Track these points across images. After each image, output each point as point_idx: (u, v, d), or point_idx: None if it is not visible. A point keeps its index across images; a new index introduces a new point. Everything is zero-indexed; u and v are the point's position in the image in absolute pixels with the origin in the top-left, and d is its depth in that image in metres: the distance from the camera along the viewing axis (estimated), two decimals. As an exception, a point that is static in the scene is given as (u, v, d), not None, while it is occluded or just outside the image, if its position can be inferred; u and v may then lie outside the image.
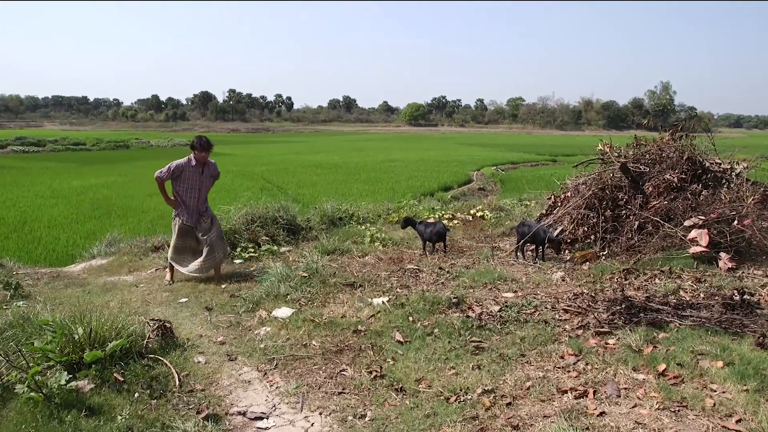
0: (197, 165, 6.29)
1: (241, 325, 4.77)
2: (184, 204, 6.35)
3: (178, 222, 6.39)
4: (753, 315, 4.15)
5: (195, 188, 6.34)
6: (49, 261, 9.28)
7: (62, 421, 2.97)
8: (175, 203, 6.40)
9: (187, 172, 6.27)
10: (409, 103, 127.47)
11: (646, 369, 3.47)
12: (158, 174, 6.22)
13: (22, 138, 47.58)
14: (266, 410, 3.33)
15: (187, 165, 6.28)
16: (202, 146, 6.22)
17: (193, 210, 6.38)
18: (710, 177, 7.08)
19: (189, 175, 6.28)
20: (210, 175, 6.52)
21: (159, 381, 3.58)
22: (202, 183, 6.38)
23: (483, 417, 3.07)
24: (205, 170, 6.39)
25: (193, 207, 6.37)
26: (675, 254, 5.97)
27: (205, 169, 6.39)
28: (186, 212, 6.37)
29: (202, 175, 6.36)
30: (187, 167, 6.27)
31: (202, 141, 6.27)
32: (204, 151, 6.24)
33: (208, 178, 6.48)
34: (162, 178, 6.23)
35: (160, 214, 13.42)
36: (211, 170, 6.50)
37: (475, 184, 21.67)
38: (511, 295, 5.15)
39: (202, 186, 6.39)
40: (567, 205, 7.59)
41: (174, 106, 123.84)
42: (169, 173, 6.23)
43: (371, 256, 7.12)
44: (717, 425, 2.83)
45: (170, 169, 6.23)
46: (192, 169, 6.29)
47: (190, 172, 6.28)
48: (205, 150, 6.25)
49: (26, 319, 4.44)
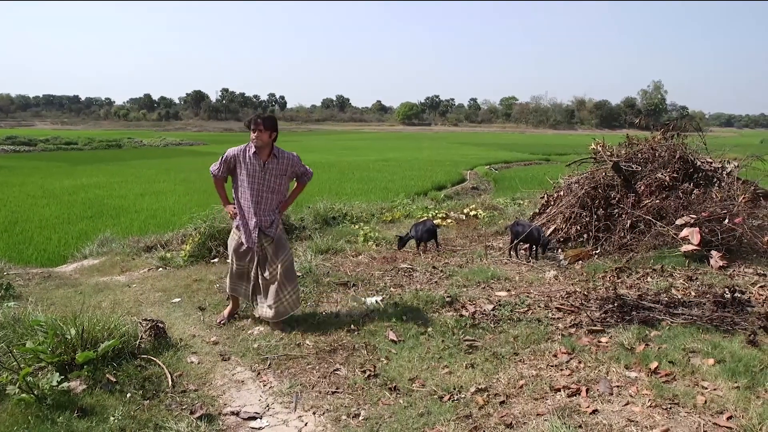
0: (258, 154, 4.33)
1: (235, 325, 4.75)
2: (241, 212, 4.46)
3: (235, 238, 4.57)
4: (744, 313, 4.18)
5: (254, 189, 4.36)
6: (40, 261, 9.22)
7: (54, 422, 2.95)
8: (231, 209, 4.54)
9: (244, 164, 4.35)
10: (403, 103, 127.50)
11: (639, 367, 3.49)
12: (212, 168, 4.50)
13: (13, 137, 47.18)
14: (260, 410, 3.32)
15: (243, 154, 4.36)
16: (256, 124, 4.25)
17: (250, 223, 4.40)
18: (702, 176, 7.13)
19: (246, 168, 4.34)
20: (282, 173, 4.42)
21: (152, 381, 3.57)
22: (265, 183, 4.37)
23: (476, 415, 3.07)
24: (272, 164, 4.36)
25: (250, 218, 4.40)
26: (667, 253, 6.01)
27: (272, 162, 4.35)
28: (241, 225, 4.46)
29: (264, 170, 4.34)
30: (243, 157, 4.35)
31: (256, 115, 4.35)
32: (258, 130, 4.23)
33: (278, 177, 4.41)
34: (215, 174, 4.48)
35: (152, 214, 13.38)
36: (283, 165, 4.41)
37: (468, 183, 21.70)
38: (504, 294, 5.16)
39: (265, 187, 4.38)
40: (560, 204, 7.63)
41: (166, 106, 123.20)
42: (222, 166, 4.43)
43: (365, 256, 7.11)
44: (708, 422, 2.85)
45: (224, 159, 4.42)
46: (251, 161, 4.33)
47: (248, 165, 4.34)
48: (261, 128, 4.23)
49: (17, 319, 4.41)
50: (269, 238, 4.44)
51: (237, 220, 4.47)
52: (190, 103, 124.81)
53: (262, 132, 4.25)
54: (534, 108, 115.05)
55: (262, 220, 4.40)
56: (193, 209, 9.66)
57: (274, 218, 4.46)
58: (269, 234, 4.43)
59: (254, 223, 4.38)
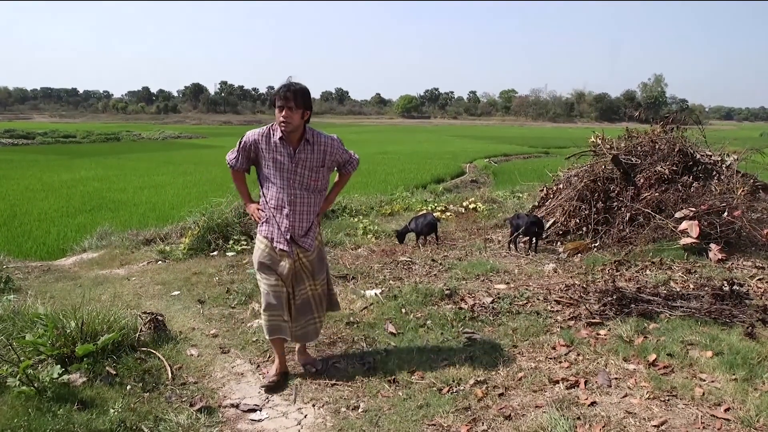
0: (286, 140, 3.23)
1: (234, 317, 4.76)
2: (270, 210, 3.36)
3: (261, 248, 3.39)
4: (742, 305, 4.19)
5: (283, 186, 3.28)
6: (39, 254, 9.22)
7: (55, 414, 2.96)
8: (255, 211, 3.48)
9: (268, 153, 3.27)
10: (402, 96, 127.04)
11: (637, 359, 3.51)
12: (228, 157, 3.44)
13: (11, 130, 47.05)
14: (259, 402, 3.33)
15: (267, 139, 3.26)
16: (284, 98, 3.11)
17: (283, 222, 3.32)
18: (701, 169, 7.12)
19: (271, 158, 3.27)
20: (318, 164, 3.31)
21: (151, 374, 3.57)
22: (297, 178, 3.28)
23: (475, 407, 3.09)
24: (304, 152, 3.26)
25: (283, 217, 3.32)
26: (666, 245, 6.01)
27: (304, 150, 3.26)
28: (268, 225, 3.38)
29: (295, 161, 3.25)
30: (267, 143, 3.26)
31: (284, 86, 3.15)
32: (288, 108, 3.11)
33: (313, 170, 3.31)
34: (232, 165, 3.42)
35: (151, 207, 13.37)
36: (320, 153, 3.30)
37: (467, 176, 21.68)
38: (503, 287, 5.17)
39: (298, 183, 3.29)
40: (559, 197, 7.63)
41: (165, 98, 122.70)
42: (240, 155, 3.37)
43: (364, 248, 7.12)
44: (706, 414, 2.87)
45: (242, 146, 3.33)
46: (276, 149, 3.25)
47: (274, 154, 3.26)
48: (291, 105, 3.11)
49: (17, 312, 4.41)
50: (310, 240, 3.38)
51: (263, 224, 3.39)
52: (188, 96, 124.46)
53: (292, 111, 3.11)
54: (533, 101, 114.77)
55: (295, 227, 3.32)
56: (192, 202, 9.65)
57: (311, 225, 3.38)
58: (304, 245, 3.36)
59: (285, 228, 3.32)
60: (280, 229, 3.33)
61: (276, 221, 3.34)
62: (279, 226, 3.33)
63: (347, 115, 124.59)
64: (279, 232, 3.33)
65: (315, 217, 3.41)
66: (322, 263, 3.53)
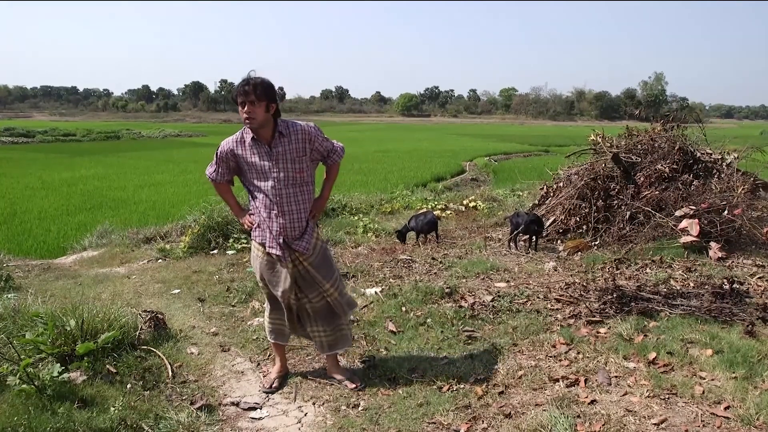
0: (258, 138, 3.12)
1: (234, 316, 4.76)
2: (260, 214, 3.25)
3: (259, 255, 3.33)
4: (742, 304, 4.19)
5: (267, 188, 3.16)
6: (39, 253, 9.21)
7: (55, 412, 2.96)
8: (247, 221, 3.36)
9: (246, 157, 3.16)
10: (402, 94, 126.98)
11: (637, 357, 3.51)
12: (208, 172, 3.36)
13: (10, 129, 46.97)
14: (259, 400, 3.34)
15: (241, 144, 3.17)
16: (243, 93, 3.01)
17: (273, 225, 3.20)
18: (701, 167, 7.12)
19: (250, 158, 3.15)
20: (299, 154, 3.15)
21: (152, 372, 3.58)
22: (280, 175, 3.13)
23: (475, 405, 3.09)
24: (281, 145, 3.11)
25: (272, 219, 3.19)
26: (666, 244, 6.02)
27: (280, 143, 3.11)
28: (260, 230, 3.28)
29: (273, 157, 3.11)
30: (243, 148, 3.16)
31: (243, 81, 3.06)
32: (249, 102, 2.99)
33: (295, 162, 3.15)
34: (213, 178, 3.35)
35: (151, 205, 13.36)
36: (298, 143, 3.14)
37: (467, 174, 21.66)
38: (503, 285, 5.17)
39: (283, 181, 3.14)
40: (559, 195, 7.62)
41: (165, 97, 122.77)
42: (219, 168, 3.28)
43: (364, 247, 7.12)
44: (706, 412, 2.87)
45: (218, 157, 3.25)
46: (252, 150, 3.14)
47: (252, 157, 3.15)
48: (251, 99, 2.98)
49: (17, 311, 4.41)
50: (308, 241, 3.24)
51: (256, 229, 3.29)
52: (188, 94, 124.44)
53: (254, 105, 2.98)
54: (534, 99, 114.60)
55: (287, 228, 3.18)
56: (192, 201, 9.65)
57: (304, 225, 3.23)
58: (298, 249, 3.22)
59: (277, 231, 3.19)
60: (272, 233, 3.21)
61: (267, 225, 3.22)
62: (270, 229, 3.21)
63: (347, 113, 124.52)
64: (271, 236, 3.22)
65: (309, 217, 3.27)
66: (328, 266, 3.36)
